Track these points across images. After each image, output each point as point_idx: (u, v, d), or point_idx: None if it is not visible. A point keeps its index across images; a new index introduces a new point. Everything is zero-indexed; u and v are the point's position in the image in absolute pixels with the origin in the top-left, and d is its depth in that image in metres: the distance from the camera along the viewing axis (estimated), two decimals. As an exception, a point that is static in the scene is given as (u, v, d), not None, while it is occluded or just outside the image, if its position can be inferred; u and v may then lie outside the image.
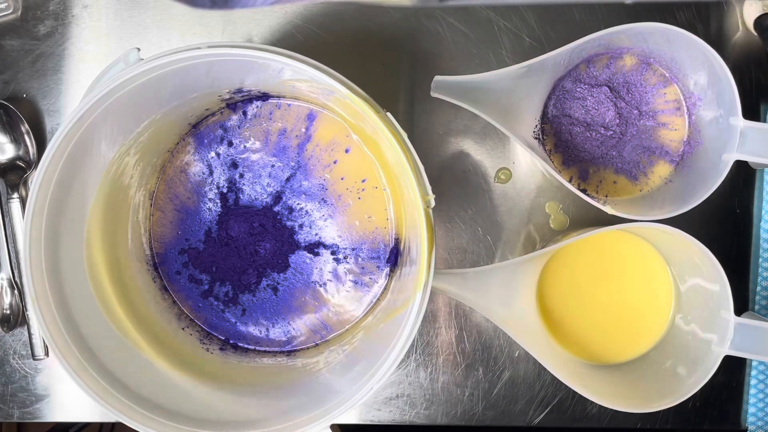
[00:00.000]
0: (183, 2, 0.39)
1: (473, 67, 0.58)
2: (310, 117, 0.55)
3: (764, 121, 0.58)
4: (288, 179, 0.56)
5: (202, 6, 0.41)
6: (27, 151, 0.58)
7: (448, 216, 0.59)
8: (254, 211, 0.55)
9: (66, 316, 0.45)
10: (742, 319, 0.49)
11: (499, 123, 0.49)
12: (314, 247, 0.56)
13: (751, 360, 0.58)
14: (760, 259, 0.58)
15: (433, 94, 0.49)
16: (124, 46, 0.59)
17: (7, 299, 0.58)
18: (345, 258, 0.56)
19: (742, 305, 0.58)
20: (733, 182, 0.58)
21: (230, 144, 0.56)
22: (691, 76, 0.53)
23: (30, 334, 0.58)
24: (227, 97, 0.53)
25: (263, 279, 0.56)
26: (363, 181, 0.55)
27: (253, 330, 0.56)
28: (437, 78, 0.49)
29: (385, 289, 0.56)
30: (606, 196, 0.56)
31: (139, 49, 0.44)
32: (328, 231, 0.55)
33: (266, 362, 0.55)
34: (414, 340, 0.44)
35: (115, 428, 1.00)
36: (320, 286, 0.56)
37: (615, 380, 0.54)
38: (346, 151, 0.55)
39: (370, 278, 0.56)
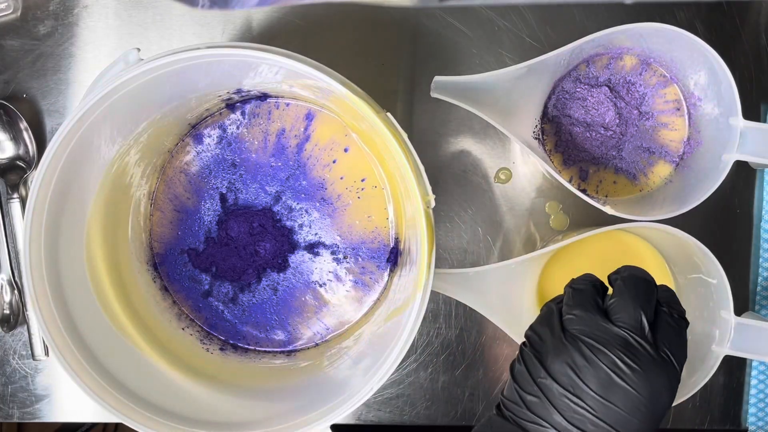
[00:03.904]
0: (183, 2, 0.39)
1: (473, 67, 0.58)
2: (309, 116, 0.55)
3: (764, 122, 0.58)
4: (287, 179, 0.56)
5: (202, 6, 0.41)
6: (27, 151, 0.58)
7: (448, 216, 0.59)
8: (254, 211, 0.55)
9: (66, 316, 0.45)
10: (742, 319, 0.49)
11: (498, 123, 0.49)
12: (314, 247, 0.56)
13: (751, 360, 0.58)
14: (761, 259, 0.58)
15: (433, 95, 0.49)
16: (124, 46, 0.59)
17: (7, 299, 0.58)
18: (345, 258, 0.56)
19: (742, 305, 0.58)
20: (733, 182, 0.58)
21: (229, 144, 0.56)
22: (691, 77, 0.53)
23: (30, 334, 0.58)
24: (226, 97, 0.53)
25: (263, 279, 0.56)
26: (362, 180, 0.55)
27: (252, 330, 0.56)
28: (437, 78, 0.49)
29: (385, 289, 0.56)
30: (606, 196, 0.56)
31: (139, 50, 0.44)
32: (328, 231, 0.55)
33: (266, 362, 0.55)
34: (414, 340, 0.44)
35: (119, 428, 1.00)
36: (320, 286, 0.56)
37: (615, 380, 0.54)
38: (345, 150, 0.55)
39: (370, 278, 0.56)
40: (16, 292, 0.58)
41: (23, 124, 0.58)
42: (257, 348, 0.56)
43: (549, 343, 0.38)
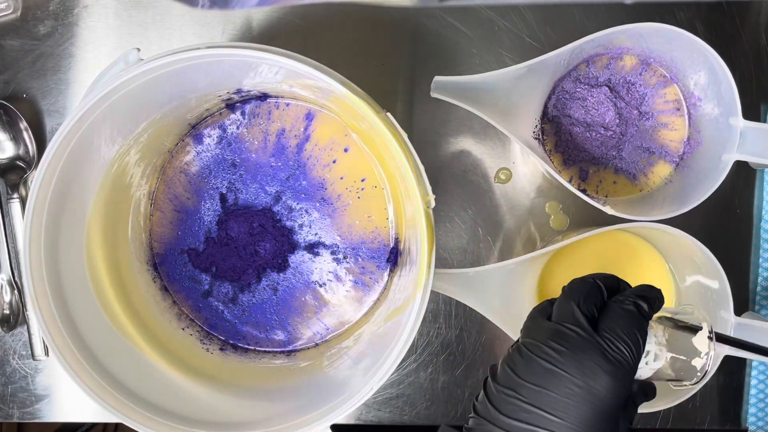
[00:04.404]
0: (183, 2, 0.39)
1: (473, 67, 0.58)
2: (309, 116, 0.55)
3: (764, 121, 0.58)
4: (287, 179, 0.56)
5: (202, 6, 0.41)
6: (27, 151, 0.58)
7: (448, 216, 0.59)
8: (254, 211, 0.55)
9: (66, 316, 0.45)
10: (742, 319, 0.49)
11: (498, 123, 0.49)
12: (314, 247, 0.56)
13: (751, 360, 0.58)
14: (760, 259, 0.58)
15: (433, 95, 0.49)
16: (124, 46, 0.59)
17: (7, 299, 0.58)
18: (345, 258, 0.56)
19: (742, 305, 0.58)
20: (733, 182, 0.58)
21: (229, 144, 0.56)
22: (691, 76, 0.53)
23: (30, 334, 0.58)
24: (226, 97, 0.53)
25: (263, 279, 0.56)
26: (362, 180, 0.55)
27: (252, 330, 0.56)
28: (437, 78, 0.49)
29: (385, 289, 0.56)
30: (606, 196, 0.56)
31: (139, 50, 0.44)
32: (328, 231, 0.55)
33: (266, 362, 0.55)
34: (414, 340, 0.44)
35: (119, 428, 1.00)
36: (320, 286, 0.56)
37: (615, 380, 0.54)
38: (345, 150, 0.55)
39: (370, 278, 0.56)
40: (16, 292, 0.58)
41: (23, 124, 0.58)
42: (257, 348, 0.56)
43: (501, 359, 0.39)
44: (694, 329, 0.41)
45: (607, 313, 0.38)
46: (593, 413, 0.35)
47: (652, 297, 0.39)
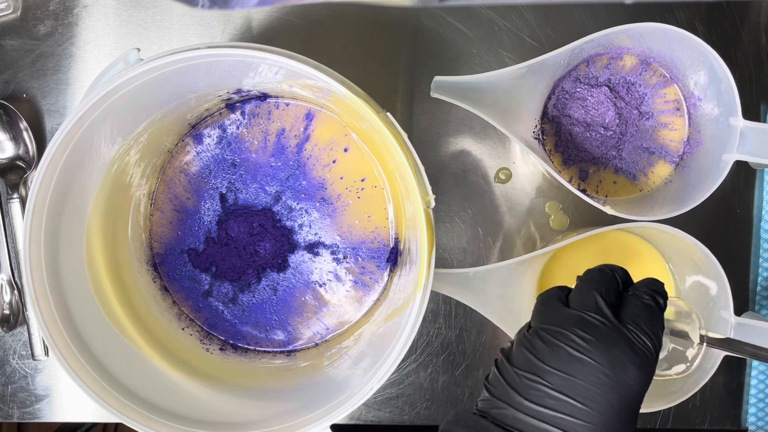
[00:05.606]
0: (183, 2, 0.39)
1: (473, 67, 0.58)
2: (309, 116, 0.55)
3: (764, 121, 0.58)
4: (287, 179, 0.56)
5: (202, 6, 0.41)
6: (27, 151, 0.58)
7: (448, 216, 0.59)
8: (254, 211, 0.55)
9: (66, 316, 0.45)
10: (742, 319, 0.49)
11: (498, 123, 0.49)
12: (314, 247, 0.56)
13: (751, 360, 0.58)
14: (760, 259, 0.58)
15: (433, 95, 0.49)
16: (124, 46, 0.59)
17: (7, 299, 0.58)
18: (345, 258, 0.56)
19: (742, 305, 0.58)
20: (733, 182, 0.58)
21: (229, 144, 0.56)
22: (691, 76, 0.53)
23: (30, 334, 0.58)
24: (226, 97, 0.53)
25: (263, 279, 0.56)
26: (362, 180, 0.55)
27: (252, 330, 0.56)
28: (437, 78, 0.49)
29: (385, 289, 0.56)
30: (606, 196, 0.56)
31: (138, 50, 0.44)
32: (328, 231, 0.55)
33: (266, 362, 0.55)
34: (414, 340, 0.44)
35: (119, 428, 1.00)
36: (320, 286, 0.56)
37: (615, 380, 0.54)
38: (345, 150, 0.55)
39: (370, 278, 0.56)
40: (16, 292, 0.58)
41: (23, 124, 0.58)
42: (257, 348, 0.56)
43: (515, 342, 0.39)
44: (688, 321, 0.44)
45: (629, 306, 0.39)
46: (620, 403, 0.36)
47: (663, 292, 0.41)
